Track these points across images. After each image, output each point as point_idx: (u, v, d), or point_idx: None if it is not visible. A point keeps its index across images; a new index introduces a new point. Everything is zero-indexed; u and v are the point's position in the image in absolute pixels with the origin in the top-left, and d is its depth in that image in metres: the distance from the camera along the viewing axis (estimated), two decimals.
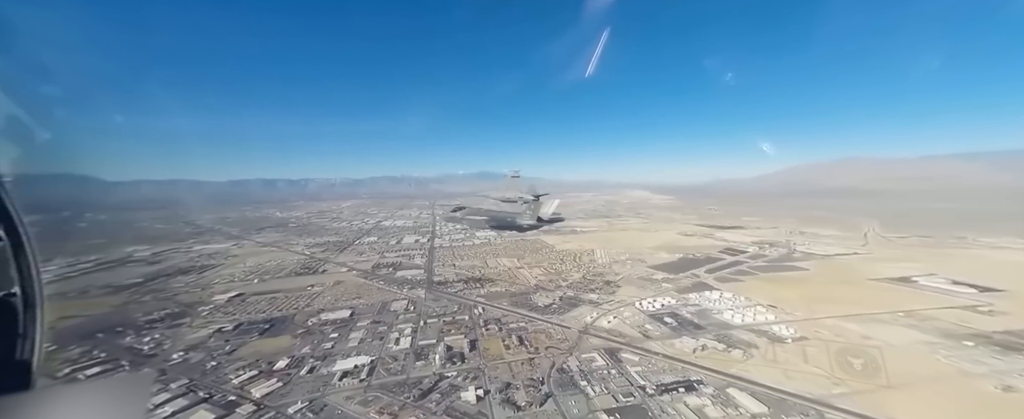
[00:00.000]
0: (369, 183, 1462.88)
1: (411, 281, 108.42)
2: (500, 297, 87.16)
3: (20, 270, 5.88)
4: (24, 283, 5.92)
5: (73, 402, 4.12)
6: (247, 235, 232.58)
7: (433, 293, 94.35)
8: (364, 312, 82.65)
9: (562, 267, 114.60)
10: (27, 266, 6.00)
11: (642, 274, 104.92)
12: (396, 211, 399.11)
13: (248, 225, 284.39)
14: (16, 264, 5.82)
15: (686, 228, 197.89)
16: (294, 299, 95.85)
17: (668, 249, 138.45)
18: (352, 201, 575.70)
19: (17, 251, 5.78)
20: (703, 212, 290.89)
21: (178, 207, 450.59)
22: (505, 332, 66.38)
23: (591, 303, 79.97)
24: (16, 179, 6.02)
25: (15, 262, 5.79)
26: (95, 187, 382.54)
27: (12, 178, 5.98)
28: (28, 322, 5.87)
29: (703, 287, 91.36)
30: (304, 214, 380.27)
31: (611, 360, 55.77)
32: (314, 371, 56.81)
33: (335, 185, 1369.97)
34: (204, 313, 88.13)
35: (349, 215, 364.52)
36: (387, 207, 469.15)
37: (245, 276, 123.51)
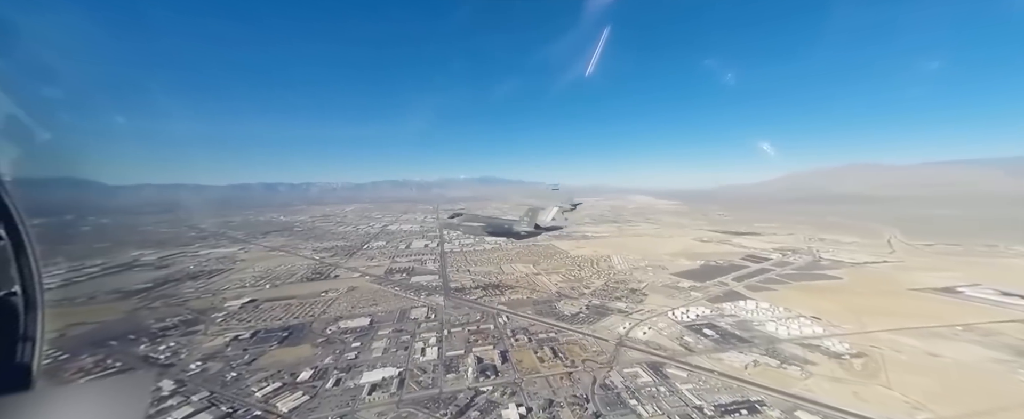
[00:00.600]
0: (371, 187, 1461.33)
1: (427, 287, 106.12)
2: (523, 305, 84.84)
3: (21, 270, 5.75)
4: (25, 283, 5.79)
5: (73, 402, 4.11)
6: (253, 239, 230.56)
7: (452, 300, 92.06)
8: (383, 320, 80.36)
9: (581, 274, 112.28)
10: (28, 266, 5.87)
11: (667, 282, 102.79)
12: (400, 215, 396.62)
13: (253, 229, 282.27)
14: (17, 264, 5.69)
15: (700, 234, 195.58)
16: (309, 306, 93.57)
17: (687, 255, 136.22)
18: (355, 205, 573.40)
19: (18, 251, 5.67)
20: (713, 218, 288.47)
21: (181, 211, 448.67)
22: (536, 343, 64.01)
23: (620, 312, 77.69)
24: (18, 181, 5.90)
25: (16, 262, 5.67)
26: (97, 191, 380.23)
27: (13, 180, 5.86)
28: (29, 322, 5.77)
29: (735, 296, 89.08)
30: (308, 218, 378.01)
31: (657, 376, 53.35)
32: (341, 384, 54.48)
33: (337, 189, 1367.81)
34: (218, 320, 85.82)
35: (354, 219, 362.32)
36: (391, 211, 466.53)
37: (256, 281, 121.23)
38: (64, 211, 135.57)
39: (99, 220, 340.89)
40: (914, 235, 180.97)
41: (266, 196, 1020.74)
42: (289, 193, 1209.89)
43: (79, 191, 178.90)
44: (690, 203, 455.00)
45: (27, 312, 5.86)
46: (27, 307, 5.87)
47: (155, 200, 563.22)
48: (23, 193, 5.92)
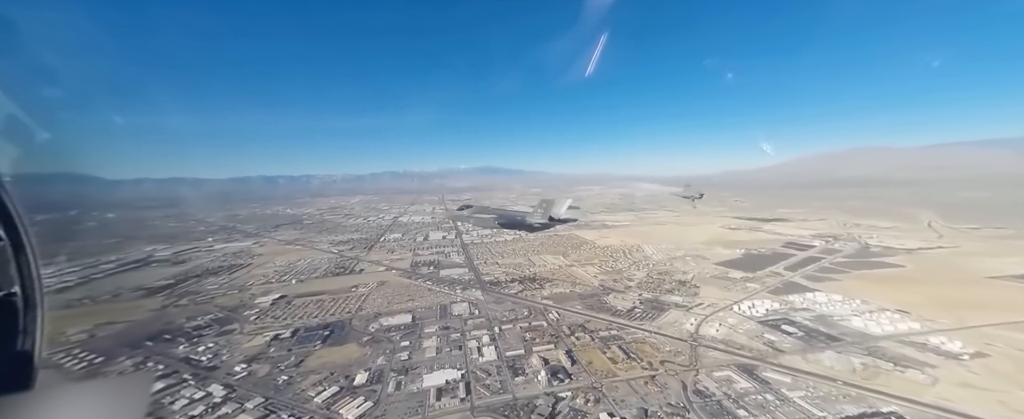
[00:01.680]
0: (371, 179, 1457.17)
1: (460, 281, 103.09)
2: (569, 299, 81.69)
3: (20, 270, 5.67)
4: (24, 283, 5.70)
5: (73, 402, 4.11)
6: (264, 233, 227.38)
7: (491, 294, 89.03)
8: (425, 316, 77.36)
9: (618, 265, 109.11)
10: (27, 266, 5.75)
11: (714, 273, 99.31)
12: (408, 207, 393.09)
13: (262, 223, 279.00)
14: (16, 263, 5.63)
15: (725, 221, 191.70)
16: (342, 302, 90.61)
17: (722, 244, 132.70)
18: (359, 197, 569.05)
19: (17, 251, 5.62)
20: (731, 204, 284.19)
21: (185, 205, 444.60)
22: (599, 341, 60.84)
23: (678, 307, 74.47)
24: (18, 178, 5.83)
25: (15, 262, 5.61)
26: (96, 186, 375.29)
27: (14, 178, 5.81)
28: (28, 322, 5.68)
29: (797, 288, 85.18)
30: (315, 211, 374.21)
31: (755, 381, 49.37)
32: (402, 388, 51.49)
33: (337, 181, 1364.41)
34: (252, 318, 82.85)
35: (361, 211, 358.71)
36: (397, 203, 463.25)
37: (279, 277, 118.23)
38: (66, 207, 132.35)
39: (104, 215, 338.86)
40: (952, 218, 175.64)
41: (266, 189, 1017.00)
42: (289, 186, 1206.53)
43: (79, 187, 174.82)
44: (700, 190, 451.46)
45: (27, 312, 5.72)
46: (27, 307, 5.73)
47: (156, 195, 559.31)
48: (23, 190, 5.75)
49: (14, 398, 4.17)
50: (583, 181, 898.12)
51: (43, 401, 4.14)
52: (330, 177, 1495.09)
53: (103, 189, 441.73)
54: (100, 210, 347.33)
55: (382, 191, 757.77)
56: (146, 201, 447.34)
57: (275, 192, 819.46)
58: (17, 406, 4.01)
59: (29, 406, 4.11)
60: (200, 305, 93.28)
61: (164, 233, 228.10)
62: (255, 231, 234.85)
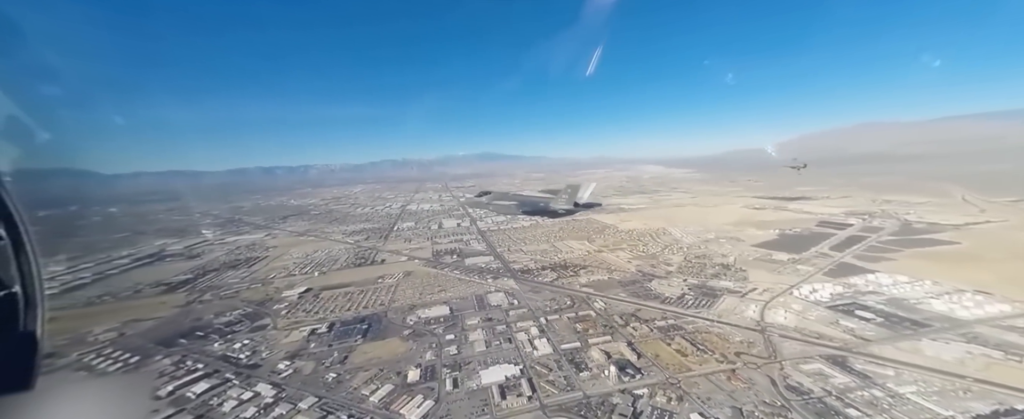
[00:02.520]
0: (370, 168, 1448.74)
1: (488, 269, 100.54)
2: (610, 287, 79.05)
3: (20, 269, 5.66)
4: (24, 282, 5.69)
5: (73, 402, 4.19)
6: (273, 225, 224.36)
7: (525, 283, 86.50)
8: (463, 307, 74.84)
9: (649, 249, 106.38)
10: (28, 265, 5.75)
11: (756, 255, 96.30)
12: (413, 195, 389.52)
13: (268, 214, 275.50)
14: (16, 263, 5.61)
15: (745, 201, 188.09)
16: (371, 293, 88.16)
17: (752, 225, 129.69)
18: (362, 186, 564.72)
19: (17, 250, 5.60)
20: (745, 184, 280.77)
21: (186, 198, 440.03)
22: (659, 332, 58.11)
23: (731, 292, 71.63)
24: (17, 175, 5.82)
25: (15, 261, 5.59)
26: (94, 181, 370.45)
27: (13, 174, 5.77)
28: (29, 321, 5.67)
29: (853, 269, 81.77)
30: (320, 201, 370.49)
31: (852, 374, 45.37)
32: (460, 385, 49.09)
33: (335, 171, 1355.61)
34: (282, 312, 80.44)
35: (367, 200, 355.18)
36: (400, 191, 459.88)
37: (300, 269, 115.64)
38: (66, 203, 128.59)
39: (106, 210, 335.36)
40: (985, 191, 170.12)
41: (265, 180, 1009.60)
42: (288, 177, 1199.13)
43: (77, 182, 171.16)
44: (706, 170, 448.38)
45: (27, 311, 5.62)
46: (27, 306, 5.63)
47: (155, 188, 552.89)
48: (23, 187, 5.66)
49: (14, 398, 4.15)
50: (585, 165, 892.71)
51: (43, 401, 4.25)
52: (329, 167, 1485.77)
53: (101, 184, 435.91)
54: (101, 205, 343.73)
55: (383, 180, 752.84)
56: (146, 195, 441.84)
57: (274, 183, 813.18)
58: (17, 406, 4.02)
59: (29, 406, 4.12)
60: (225, 300, 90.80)
61: (172, 227, 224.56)
62: (263, 223, 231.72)
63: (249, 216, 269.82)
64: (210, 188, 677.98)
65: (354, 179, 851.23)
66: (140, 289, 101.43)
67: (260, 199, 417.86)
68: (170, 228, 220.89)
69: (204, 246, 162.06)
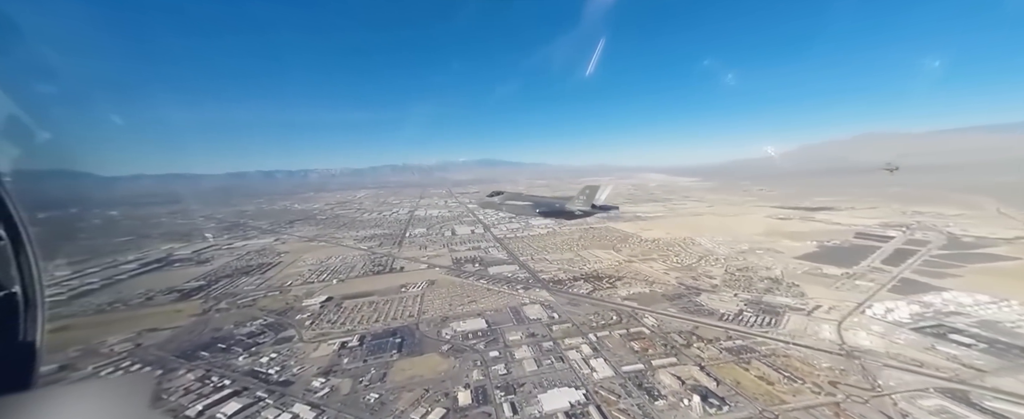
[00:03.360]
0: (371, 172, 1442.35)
1: (515, 279, 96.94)
2: (654, 301, 75.18)
3: (20, 269, 5.66)
4: (24, 282, 5.69)
5: (73, 402, 4.12)
6: (280, 229, 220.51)
7: (559, 295, 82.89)
8: (500, 321, 71.07)
9: (682, 260, 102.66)
10: (28, 266, 5.73)
11: (803, 268, 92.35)
12: (418, 200, 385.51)
13: (274, 219, 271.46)
14: (16, 264, 5.62)
15: (766, 211, 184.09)
16: (396, 304, 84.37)
17: (784, 236, 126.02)
18: (365, 191, 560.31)
19: (18, 251, 5.61)
20: (756, 193, 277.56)
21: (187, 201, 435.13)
22: (730, 354, 53.88)
23: (794, 309, 67.70)
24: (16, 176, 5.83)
25: (15, 262, 5.60)
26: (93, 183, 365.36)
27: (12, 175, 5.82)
28: (29, 322, 5.67)
29: (919, 286, 77.11)
30: (324, 205, 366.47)
31: (985, 414, 40.80)
32: (520, 411, 45.26)
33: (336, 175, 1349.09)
34: (306, 323, 76.55)
35: (372, 205, 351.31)
36: (404, 196, 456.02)
37: (317, 276, 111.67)
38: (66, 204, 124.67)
39: (106, 213, 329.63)
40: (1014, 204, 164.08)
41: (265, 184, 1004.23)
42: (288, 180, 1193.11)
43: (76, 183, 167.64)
44: (712, 179, 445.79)
45: (27, 312, 5.65)
46: (27, 307, 5.65)
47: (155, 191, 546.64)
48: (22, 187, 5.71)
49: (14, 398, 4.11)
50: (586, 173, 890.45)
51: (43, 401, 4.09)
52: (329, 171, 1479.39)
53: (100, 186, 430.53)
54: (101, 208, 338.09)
55: (385, 185, 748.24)
56: (146, 198, 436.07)
57: (275, 187, 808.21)
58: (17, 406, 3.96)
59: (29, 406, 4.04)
60: (243, 309, 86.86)
61: (178, 231, 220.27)
62: (270, 227, 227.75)
63: (254, 220, 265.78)
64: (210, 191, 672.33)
65: (355, 184, 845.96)
66: (152, 296, 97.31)
67: (262, 203, 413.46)
68: (175, 232, 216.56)
69: (213, 251, 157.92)
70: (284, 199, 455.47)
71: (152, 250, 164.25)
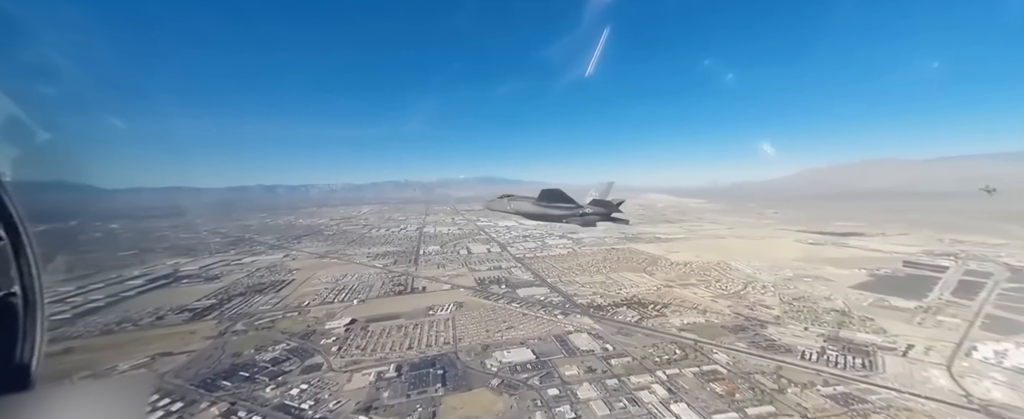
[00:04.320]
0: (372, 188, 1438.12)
1: (550, 303, 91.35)
2: (715, 333, 68.80)
3: (20, 270, 5.69)
4: (24, 283, 5.72)
5: (73, 402, 4.12)
6: (288, 244, 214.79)
7: (606, 323, 77.17)
8: (547, 351, 65.31)
9: (726, 286, 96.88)
10: (27, 266, 5.77)
11: (867, 299, 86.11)
12: (424, 217, 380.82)
13: (280, 234, 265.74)
14: (16, 264, 5.65)
15: (792, 235, 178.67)
16: (428, 328, 78.65)
17: (826, 262, 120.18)
18: (368, 207, 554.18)
19: (17, 251, 5.65)
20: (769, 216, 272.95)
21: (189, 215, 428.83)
22: (837, 403, 47.42)
23: (883, 348, 61.44)
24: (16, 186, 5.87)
25: (15, 262, 5.64)
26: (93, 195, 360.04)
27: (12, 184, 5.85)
28: (28, 322, 5.69)
29: (1016, 325, 70.29)
30: (329, 221, 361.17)
31: None
32: None
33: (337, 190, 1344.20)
34: (332, 348, 70.67)
35: (378, 221, 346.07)
36: (409, 213, 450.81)
37: (334, 295, 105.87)
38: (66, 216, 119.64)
39: (107, 225, 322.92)
40: None
41: (267, 198, 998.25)
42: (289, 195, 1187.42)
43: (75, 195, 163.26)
44: (720, 201, 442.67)
45: (27, 312, 5.66)
46: (26, 307, 5.67)
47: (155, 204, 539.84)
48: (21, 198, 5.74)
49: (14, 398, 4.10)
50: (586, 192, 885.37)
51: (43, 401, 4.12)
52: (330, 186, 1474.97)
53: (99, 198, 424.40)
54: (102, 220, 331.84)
55: (387, 201, 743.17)
56: (147, 211, 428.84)
57: (276, 201, 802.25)
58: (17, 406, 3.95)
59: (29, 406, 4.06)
60: (262, 331, 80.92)
61: (181, 245, 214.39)
62: (277, 243, 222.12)
63: (260, 235, 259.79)
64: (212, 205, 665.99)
65: (357, 199, 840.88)
66: (162, 315, 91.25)
67: (266, 217, 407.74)
68: (179, 246, 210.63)
69: (219, 266, 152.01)
70: (287, 214, 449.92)
71: (157, 265, 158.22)
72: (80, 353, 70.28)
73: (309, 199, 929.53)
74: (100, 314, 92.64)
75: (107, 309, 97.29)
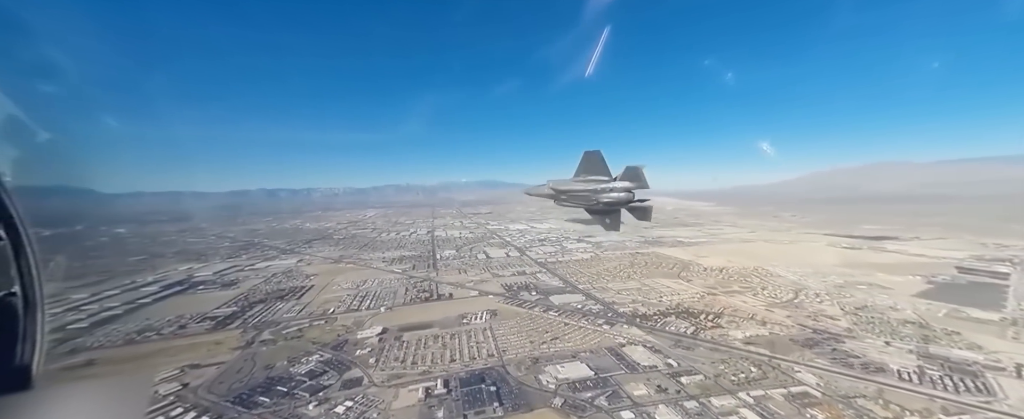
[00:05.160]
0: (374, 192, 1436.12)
1: (589, 312, 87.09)
2: (787, 348, 64.12)
3: (20, 270, 5.70)
4: (24, 283, 5.73)
5: (73, 402, 4.12)
6: (299, 249, 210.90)
7: (656, 334, 72.91)
8: (605, 366, 60.75)
9: (775, 294, 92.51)
10: (27, 266, 5.77)
11: (940, 310, 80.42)
12: (432, 221, 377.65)
13: (289, 238, 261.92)
14: (16, 264, 5.66)
15: (824, 240, 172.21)
16: (466, 338, 74.61)
17: (875, 269, 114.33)
18: (373, 210, 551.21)
19: (17, 251, 5.65)
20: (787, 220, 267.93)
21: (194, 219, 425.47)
22: None
23: (991, 368, 56.02)
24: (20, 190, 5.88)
25: (15, 262, 5.65)
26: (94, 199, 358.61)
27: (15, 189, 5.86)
28: (28, 322, 5.72)
29: None
30: (336, 225, 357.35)
31: None
32: None
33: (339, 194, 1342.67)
34: (369, 360, 66.58)
35: (385, 225, 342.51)
36: (414, 216, 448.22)
37: (359, 302, 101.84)
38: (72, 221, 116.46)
39: (113, 230, 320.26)
40: None
41: (269, 203, 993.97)
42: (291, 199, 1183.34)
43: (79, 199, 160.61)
44: (728, 204, 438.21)
45: (26, 312, 5.68)
46: (26, 307, 5.69)
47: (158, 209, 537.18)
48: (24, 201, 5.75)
49: (14, 398, 4.10)
50: None
51: (43, 401, 4.14)
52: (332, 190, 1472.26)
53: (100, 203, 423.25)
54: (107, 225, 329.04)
55: (390, 204, 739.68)
56: (150, 215, 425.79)
57: (279, 206, 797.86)
58: (17, 406, 3.96)
59: (29, 406, 4.05)
60: (291, 341, 76.96)
61: (191, 250, 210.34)
62: (288, 247, 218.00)
63: (269, 239, 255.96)
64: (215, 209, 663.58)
65: (359, 203, 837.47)
66: (184, 324, 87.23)
67: (272, 221, 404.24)
68: (189, 251, 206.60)
69: (233, 272, 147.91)
70: (292, 218, 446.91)
71: (170, 271, 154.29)
72: (103, 365, 66.32)
73: (312, 203, 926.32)
74: (119, 322, 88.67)
75: (126, 317, 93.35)
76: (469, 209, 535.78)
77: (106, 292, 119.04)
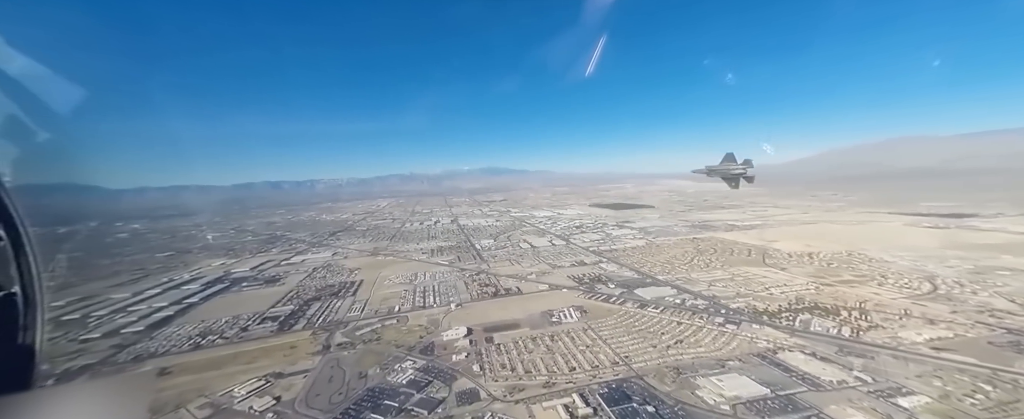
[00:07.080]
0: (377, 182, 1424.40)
1: (694, 308, 76.95)
2: (993, 355, 53.97)
3: (21, 270, 5.66)
4: (24, 282, 5.68)
5: (73, 402, 4.15)
6: (326, 242, 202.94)
7: (796, 334, 63.59)
8: (774, 380, 50.79)
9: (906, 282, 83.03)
10: (27, 266, 5.74)
11: None
12: (451, 209, 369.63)
13: (310, 230, 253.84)
14: (16, 264, 5.62)
15: (898, 218, 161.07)
16: (567, 341, 66.01)
17: (996, 250, 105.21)
18: (384, 201, 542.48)
19: (17, 251, 5.62)
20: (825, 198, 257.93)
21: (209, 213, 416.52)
22: None
23: None
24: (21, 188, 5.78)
25: (15, 262, 5.61)
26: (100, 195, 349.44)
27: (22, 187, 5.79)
28: (28, 322, 5.66)
29: None
30: (353, 216, 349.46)
31: None
32: None
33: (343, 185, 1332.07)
34: (473, 368, 58.11)
35: (402, 215, 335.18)
36: (428, 205, 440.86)
37: (419, 298, 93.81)
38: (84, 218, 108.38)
39: (129, 225, 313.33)
40: None
41: (274, 195, 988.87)
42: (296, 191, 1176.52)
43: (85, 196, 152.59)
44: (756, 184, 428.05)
45: (27, 312, 5.64)
46: (27, 307, 5.65)
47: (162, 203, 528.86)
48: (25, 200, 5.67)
49: (14, 398, 4.11)
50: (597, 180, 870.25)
51: (43, 401, 4.13)
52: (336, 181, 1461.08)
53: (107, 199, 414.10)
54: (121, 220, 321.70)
55: (397, 194, 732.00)
56: (159, 210, 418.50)
57: (284, 198, 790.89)
58: (17, 406, 3.97)
59: (29, 406, 4.06)
60: (370, 344, 68.72)
61: (219, 245, 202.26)
62: (314, 240, 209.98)
63: (289, 232, 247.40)
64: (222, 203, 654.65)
65: (365, 193, 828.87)
66: (246, 326, 79.06)
67: (286, 214, 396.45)
68: (215, 246, 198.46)
69: (273, 268, 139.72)
70: (304, 210, 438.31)
71: (203, 267, 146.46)
72: (180, 374, 58.22)
73: (317, 194, 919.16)
74: (175, 325, 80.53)
75: (179, 318, 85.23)
76: (480, 197, 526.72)
77: (147, 291, 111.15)
